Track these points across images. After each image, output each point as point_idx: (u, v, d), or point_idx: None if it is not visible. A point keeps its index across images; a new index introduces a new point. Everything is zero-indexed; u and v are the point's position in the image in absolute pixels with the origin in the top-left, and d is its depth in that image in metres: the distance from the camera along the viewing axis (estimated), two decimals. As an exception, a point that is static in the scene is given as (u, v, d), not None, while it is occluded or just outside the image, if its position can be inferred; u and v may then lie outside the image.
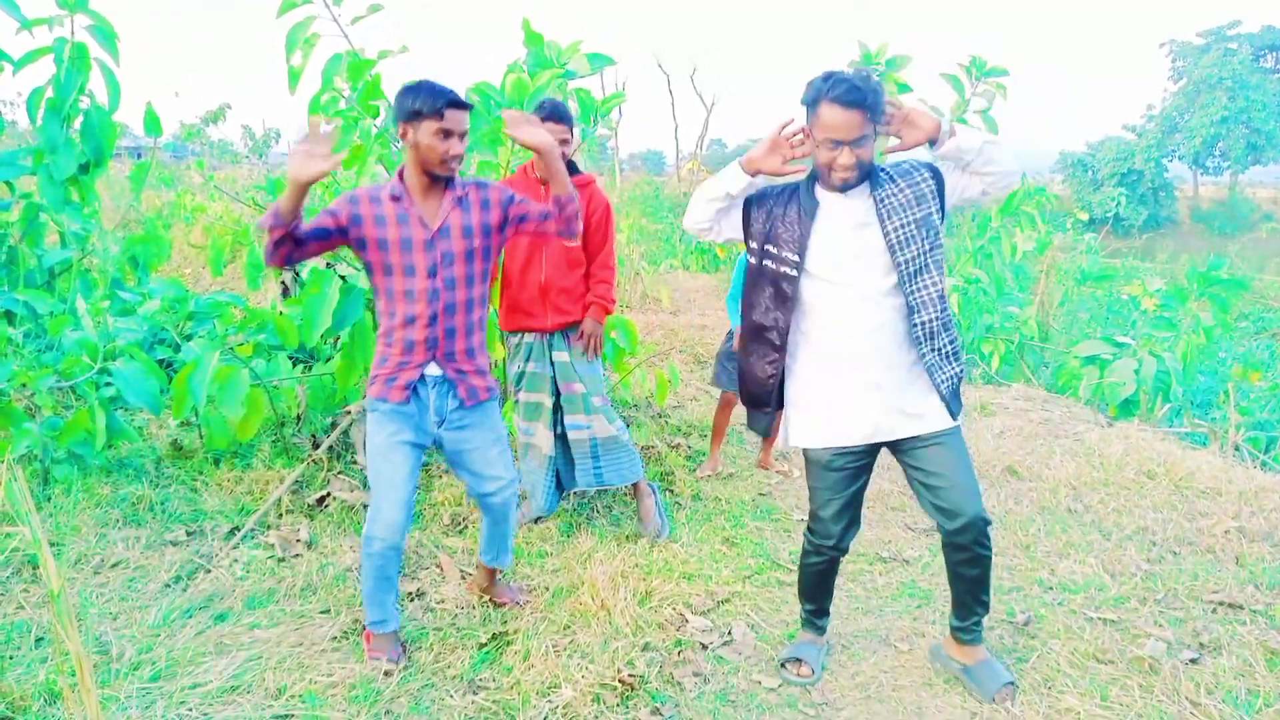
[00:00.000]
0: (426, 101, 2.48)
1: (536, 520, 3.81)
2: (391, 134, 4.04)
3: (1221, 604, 3.15)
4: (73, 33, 5.14)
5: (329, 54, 4.08)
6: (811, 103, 2.37)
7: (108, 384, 3.94)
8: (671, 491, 4.27)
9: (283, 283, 4.38)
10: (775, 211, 2.52)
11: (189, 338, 4.86)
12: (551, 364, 3.65)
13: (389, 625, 2.80)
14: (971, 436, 4.98)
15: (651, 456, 4.61)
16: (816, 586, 2.82)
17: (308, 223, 2.53)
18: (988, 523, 2.50)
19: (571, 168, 3.57)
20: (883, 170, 2.48)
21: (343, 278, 3.79)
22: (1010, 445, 4.88)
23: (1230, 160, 36.74)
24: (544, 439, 3.68)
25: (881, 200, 2.42)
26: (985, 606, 2.66)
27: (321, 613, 3.07)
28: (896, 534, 3.86)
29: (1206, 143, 35.99)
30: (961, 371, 2.53)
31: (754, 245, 2.56)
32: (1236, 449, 5.32)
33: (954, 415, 2.50)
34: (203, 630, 2.92)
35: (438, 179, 2.61)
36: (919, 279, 2.42)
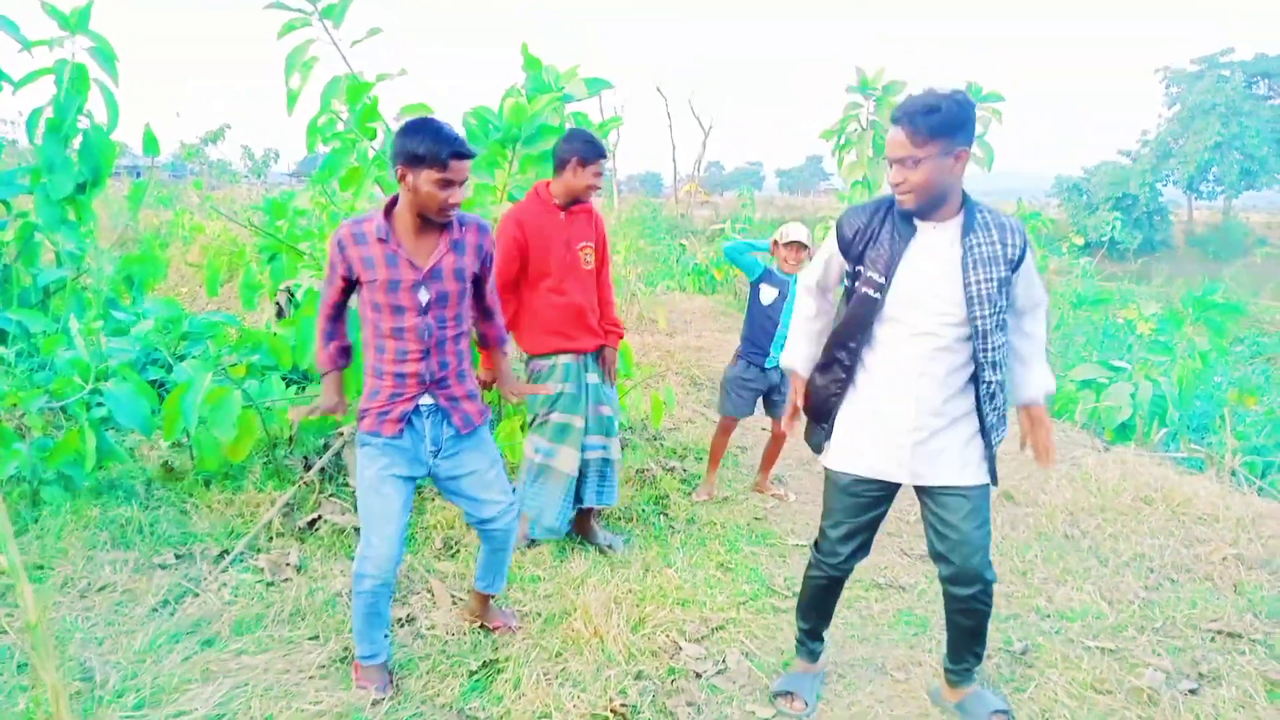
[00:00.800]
0: (430, 148, 2.38)
1: (531, 543, 3.78)
2: (389, 156, 4.05)
3: (1220, 633, 3.12)
4: (73, 54, 5.16)
5: (328, 76, 4.11)
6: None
7: (99, 404, 3.91)
8: (666, 515, 4.24)
9: (277, 304, 4.37)
10: (870, 231, 2.42)
11: (183, 358, 4.84)
12: (585, 386, 3.66)
13: (379, 659, 2.76)
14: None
15: (646, 479, 4.58)
16: (815, 605, 2.77)
17: (331, 287, 2.67)
18: (990, 581, 2.47)
19: None
20: (980, 212, 2.39)
21: (337, 299, 3.77)
22: (1007, 470, 4.85)
23: (1224, 185, 37.01)
24: (569, 460, 3.65)
25: (970, 248, 2.34)
26: (979, 657, 2.62)
27: (310, 639, 3.03)
28: (893, 560, 3.83)
29: (1201, 168, 36.28)
30: (1004, 435, 2.51)
31: (849, 266, 2.49)
32: (1233, 474, 5.30)
33: (992, 474, 2.47)
34: (189, 656, 2.87)
35: (432, 222, 2.55)
36: (990, 338, 2.36)
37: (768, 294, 4.38)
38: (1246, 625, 3.17)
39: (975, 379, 2.39)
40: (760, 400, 4.54)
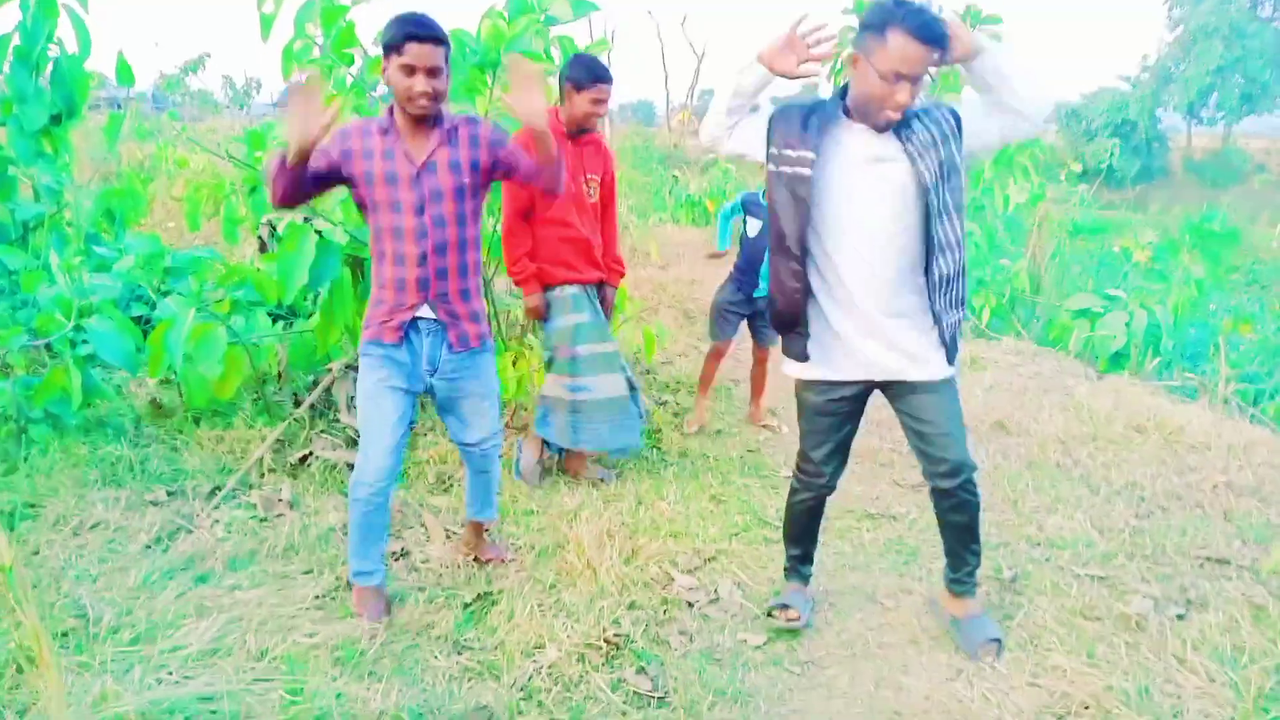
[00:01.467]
0: (391, 34, 2.39)
1: (545, 470, 3.83)
2: (367, 82, 3.92)
3: (1209, 560, 3.15)
4: (38, -23, 4.96)
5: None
6: (879, 28, 2.20)
7: (84, 341, 3.85)
8: (659, 449, 4.23)
9: (259, 238, 4.28)
10: (796, 122, 2.37)
11: (166, 294, 4.77)
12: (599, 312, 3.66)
13: (373, 578, 2.77)
14: (961, 391, 4.91)
15: (639, 413, 4.57)
16: (803, 527, 2.81)
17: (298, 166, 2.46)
18: (972, 468, 2.51)
19: None
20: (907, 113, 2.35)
21: (319, 232, 3.69)
22: (1000, 400, 4.85)
23: (1224, 110, 36.48)
24: (616, 384, 3.58)
25: (909, 138, 2.31)
26: (977, 556, 2.65)
27: (304, 573, 3.04)
28: (884, 490, 3.84)
29: (1201, 93, 35.70)
30: (963, 318, 2.48)
31: (773, 151, 2.41)
32: (1226, 402, 5.31)
33: (951, 362, 2.47)
34: (183, 592, 2.88)
35: (424, 120, 2.52)
36: (942, 221, 2.33)
37: (753, 226, 4.35)
38: (1234, 552, 3.20)
39: (926, 269, 2.37)
40: (746, 325, 4.56)
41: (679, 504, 3.63)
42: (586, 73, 3.40)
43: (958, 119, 2.37)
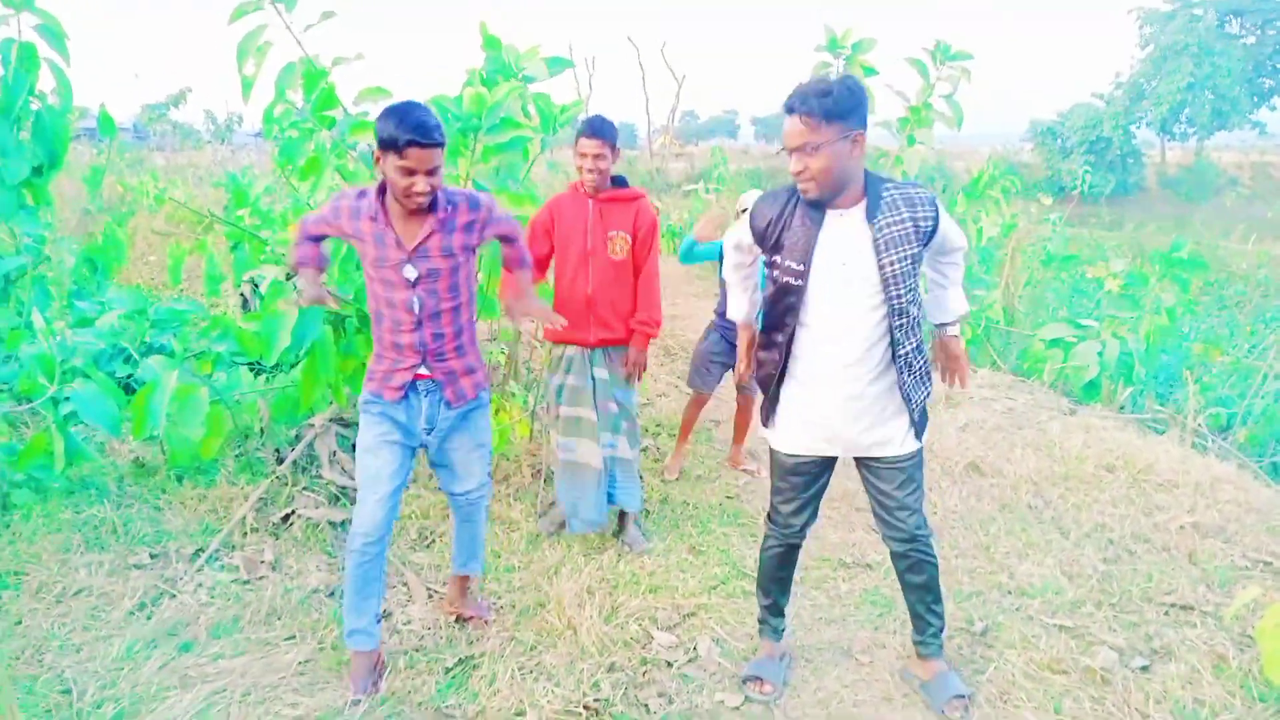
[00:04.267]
0: (390, 134, 2.41)
1: (561, 526, 3.87)
2: (348, 143, 3.99)
3: (1174, 606, 3.23)
4: (20, 32, 5.00)
5: (284, 59, 4.01)
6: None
7: (66, 399, 3.88)
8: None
9: (242, 294, 4.33)
10: (784, 219, 2.48)
11: (150, 349, 4.80)
12: (592, 379, 3.66)
13: (369, 641, 2.78)
14: (935, 430, 5.04)
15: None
16: (774, 575, 2.88)
17: (318, 221, 2.75)
18: (926, 536, 2.63)
19: (619, 181, 3.65)
20: (886, 189, 2.43)
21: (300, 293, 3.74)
22: (973, 440, 4.94)
23: (1196, 126, 37.09)
24: (591, 454, 3.66)
25: (880, 229, 2.40)
26: (938, 616, 2.73)
27: (286, 639, 3.07)
28: (860, 537, 3.90)
29: (1173, 109, 36.31)
30: (929, 393, 2.58)
31: (767, 257, 2.57)
32: (1196, 436, 5.42)
33: (919, 438, 2.59)
34: (167, 662, 2.91)
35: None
36: (906, 314, 2.45)
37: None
38: (1199, 597, 3.28)
39: (894, 354, 2.48)
40: (729, 373, 4.62)
41: (659, 556, 3.69)
42: (579, 130, 3.53)
43: (935, 221, 2.45)
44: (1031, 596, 3.33)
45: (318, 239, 2.80)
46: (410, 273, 2.59)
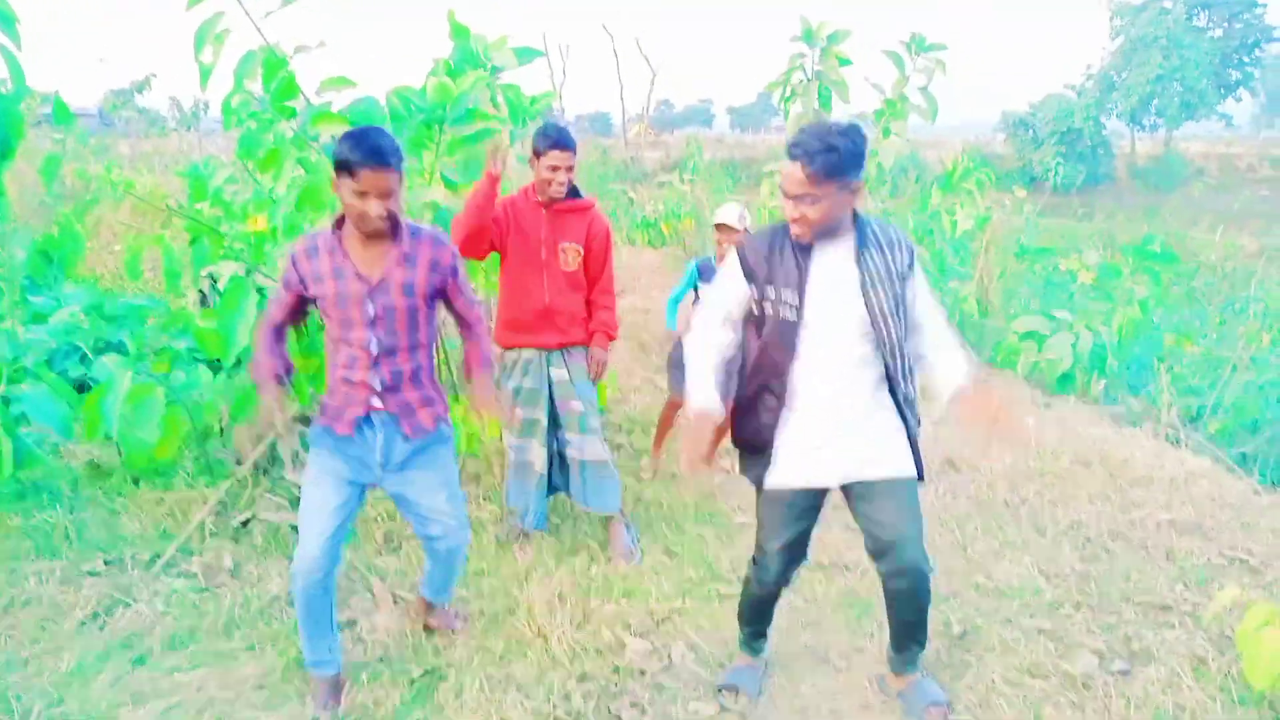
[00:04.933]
0: (344, 155, 2.28)
1: (525, 534, 3.75)
2: (309, 135, 3.86)
3: (1152, 606, 3.20)
4: (-35, 19, 4.81)
5: (244, 47, 3.86)
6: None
7: (17, 399, 3.73)
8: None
9: (200, 290, 4.19)
10: (773, 256, 2.41)
11: (106, 346, 4.64)
12: (549, 380, 3.58)
13: (329, 668, 2.69)
14: (912, 425, 4.99)
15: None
16: (756, 612, 2.81)
17: (279, 305, 2.59)
18: (926, 573, 2.49)
19: (574, 191, 3.53)
20: (870, 228, 2.40)
21: (260, 290, 3.62)
22: (948, 435, 4.89)
23: (1164, 117, 37.49)
24: (537, 455, 3.59)
25: (866, 268, 2.36)
26: (921, 645, 2.66)
27: (246, 650, 2.96)
28: (837, 536, 3.83)
29: (1143, 100, 36.66)
30: (920, 421, 2.54)
31: (755, 290, 2.45)
32: (1170, 427, 5.42)
33: (919, 468, 2.51)
34: (120, 676, 2.80)
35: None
36: (899, 351, 2.40)
37: (705, 290, 4.31)
38: (1177, 596, 3.25)
39: (891, 389, 2.45)
40: None
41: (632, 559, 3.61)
42: (543, 139, 3.39)
43: (913, 265, 2.42)
44: (1010, 598, 3.28)
45: (282, 328, 2.63)
46: (369, 309, 2.45)
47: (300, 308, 2.60)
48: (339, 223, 2.48)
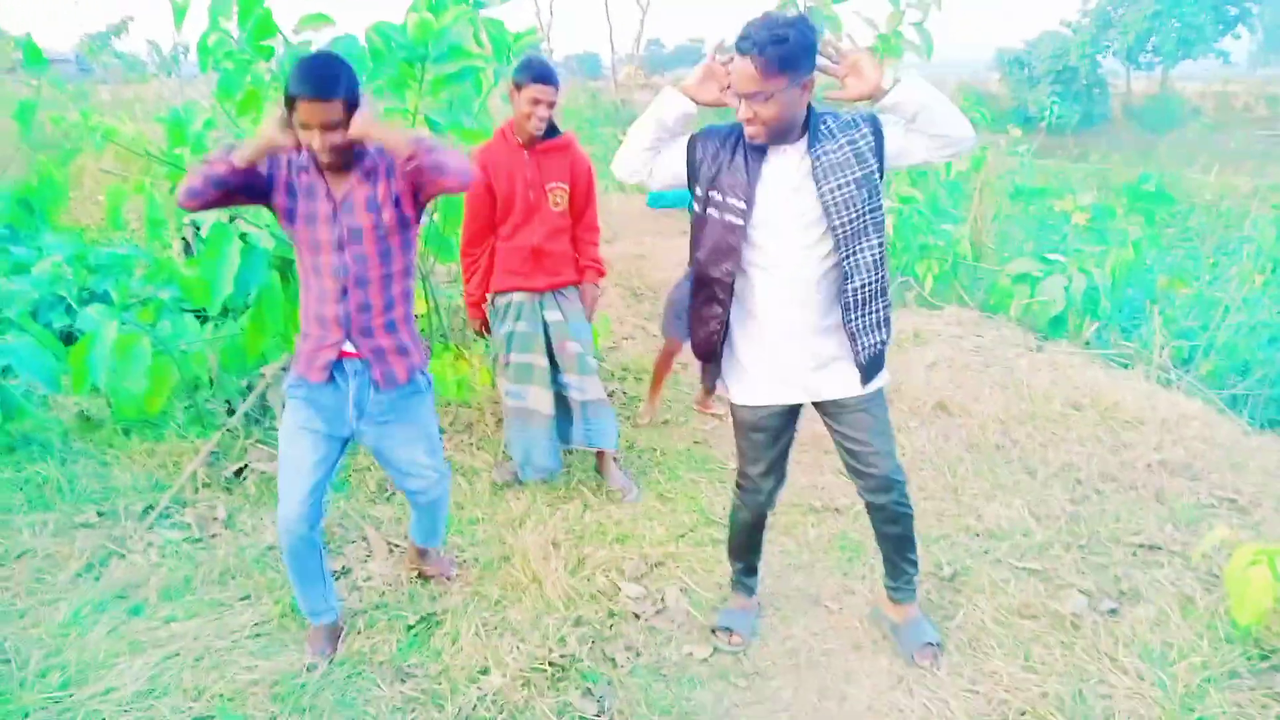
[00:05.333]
0: (287, 86, 2.21)
1: (518, 479, 3.77)
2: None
3: (1141, 546, 3.23)
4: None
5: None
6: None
7: (3, 350, 3.68)
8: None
9: (183, 239, 4.12)
10: (722, 155, 2.35)
11: (88, 299, 4.58)
12: (544, 323, 3.54)
13: (327, 616, 2.72)
14: (903, 368, 5.00)
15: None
16: (745, 543, 2.82)
17: (224, 163, 2.32)
18: (902, 483, 2.54)
19: (552, 129, 3.45)
20: (824, 121, 2.32)
21: (243, 236, 3.55)
22: (941, 378, 4.90)
23: (1161, 55, 36.97)
24: (542, 400, 3.54)
25: (818, 158, 2.28)
26: (913, 564, 2.69)
27: (241, 599, 2.98)
28: (829, 480, 3.86)
29: (1139, 37, 36.08)
30: (887, 339, 2.46)
31: (699, 191, 2.40)
32: (1162, 370, 5.43)
33: (867, 382, 2.46)
34: (116, 627, 2.80)
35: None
36: (856, 242, 2.31)
37: None
38: (1166, 536, 3.28)
39: (840, 291, 2.36)
40: None
41: (626, 505, 3.62)
42: (524, 72, 3.28)
43: (878, 131, 2.32)
44: (1000, 539, 3.31)
45: (223, 177, 2.31)
46: (335, 231, 2.38)
47: (235, 190, 2.34)
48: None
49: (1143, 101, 36.95)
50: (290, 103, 2.22)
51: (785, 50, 2.13)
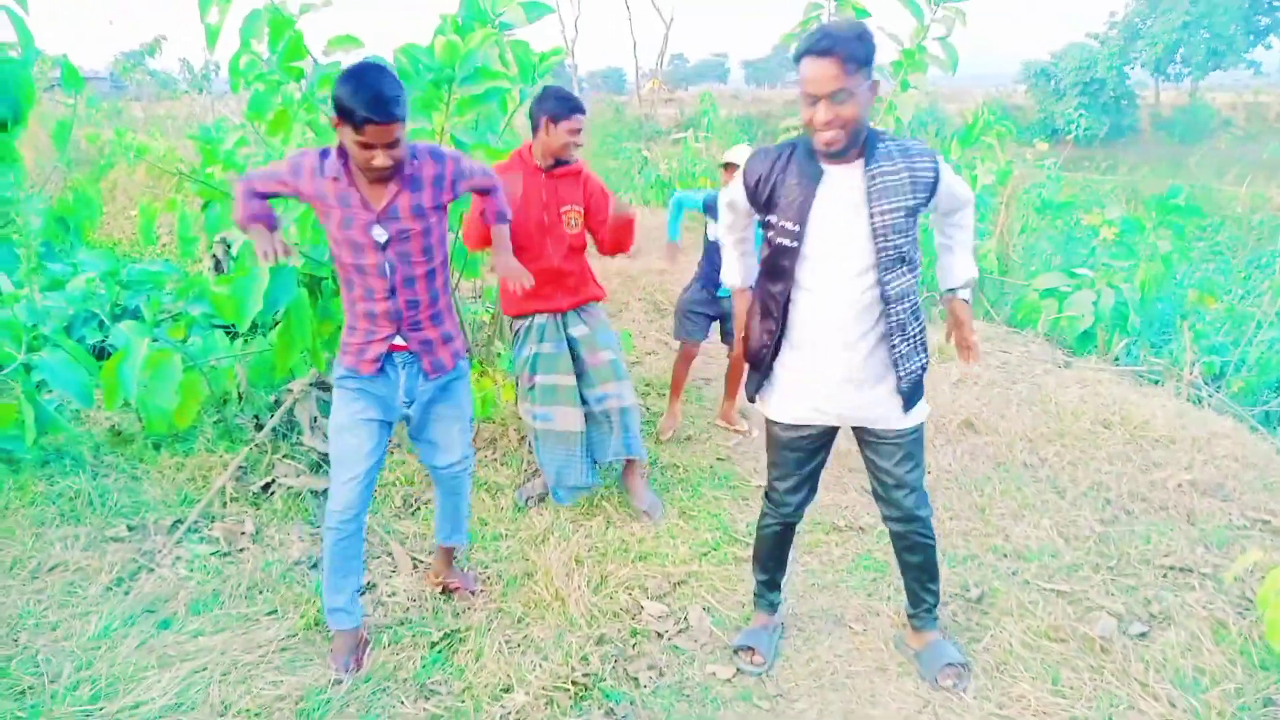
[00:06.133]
0: (347, 107, 2.24)
1: (542, 498, 3.77)
2: (317, 97, 3.81)
3: (1172, 568, 3.18)
4: (-29, -18, 4.76)
5: (250, 6, 3.81)
6: (796, 60, 2.23)
7: (37, 365, 3.75)
8: (629, 459, 4.20)
9: (214, 256, 4.18)
10: (776, 176, 2.36)
11: (123, 312, 4.65)
12: (569, 340, 3.57)
13: (348, 620, 2.74)
14: (929, 385, 4.92)
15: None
16: (771, 554, 2.81)
17: (261, 183, 2.52)
18: (925, 518, 2.56)
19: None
20: (882, 139, 2.32)
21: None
22: (967, 396, 4.86)
23: (1191, 66, 36.62)
24: (572, 419, 3.55)
25: (874, 179, 2.28)
26: (934, 595, 2.67)
27: (268, 614, 3.00)
28: (853, 499, 3.84)
29: (1168, 49, 35.81)
30: (926, 364, 2.46)
31: (761, 217, 2.44)
32: (1192, 386, 5.35)
33: (909, 409, 2.45)
34: (145, 640, 2.84)
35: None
36: (898, 269, 2.32)
37: (712, 228, 4.35)
38: (1197, 559, 3.23)
39: (883, 310, 2.36)
40: (717, 328, 4.57)
41: (648, 523, 3.62)
42: (563, 105, 3.35)
43: (937, 174, 2.33)
44: (1028, 560, 3.27)
45: (265, 197, 2.54)
46: (380, 234, 2.45)
47: (275, 197, 2.55)
48: (343, 156, 2.42)
49: (1171, 113, 36.57)
50: (350, 122, 2.25)
51: (866, 47, 2.17)
